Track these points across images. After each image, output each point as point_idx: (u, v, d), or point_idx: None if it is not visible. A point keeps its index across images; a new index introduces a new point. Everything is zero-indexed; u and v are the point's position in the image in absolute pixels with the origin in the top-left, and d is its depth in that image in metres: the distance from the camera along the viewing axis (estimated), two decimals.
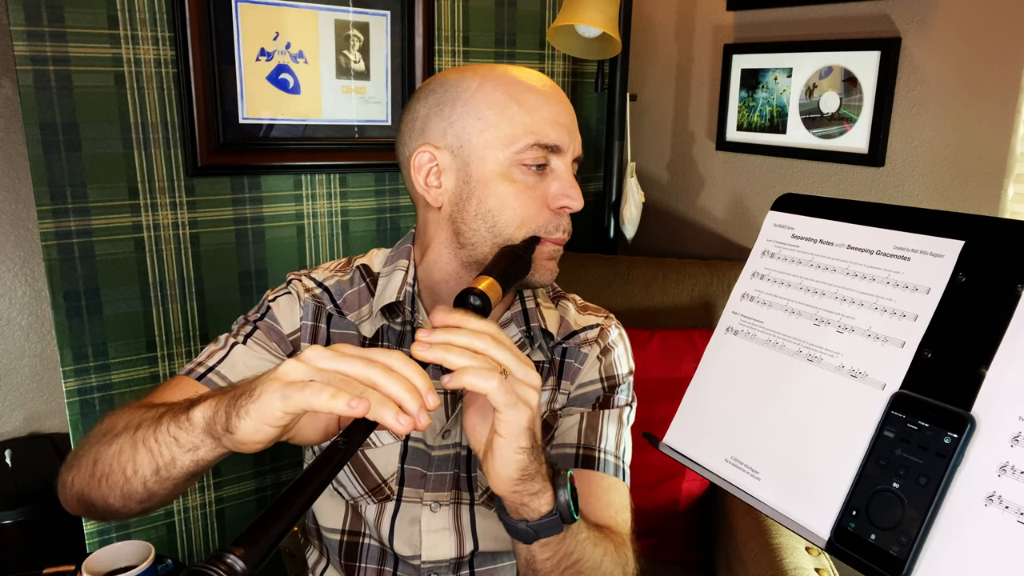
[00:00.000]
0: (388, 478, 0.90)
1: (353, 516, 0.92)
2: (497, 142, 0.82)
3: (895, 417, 0.52)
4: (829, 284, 0.60)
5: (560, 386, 0.94)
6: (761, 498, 0.58)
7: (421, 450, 0.89)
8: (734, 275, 0.67)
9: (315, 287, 0.93)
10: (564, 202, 0.83)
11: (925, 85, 1.44)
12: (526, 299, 0.94)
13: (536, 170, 0.83)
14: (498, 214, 0.83)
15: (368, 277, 0.94)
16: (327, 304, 0.92)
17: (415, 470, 0.90)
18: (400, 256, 0.94)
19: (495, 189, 0.83)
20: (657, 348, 1.52)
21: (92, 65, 1.39)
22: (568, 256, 1.81)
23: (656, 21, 1.97)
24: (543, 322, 0.92)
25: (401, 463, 0.89)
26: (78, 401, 1.48)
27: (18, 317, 2.13)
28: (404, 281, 0.91)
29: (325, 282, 0.94)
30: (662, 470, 1.48)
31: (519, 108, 0.82)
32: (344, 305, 0.92)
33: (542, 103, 0.83)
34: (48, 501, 1.86)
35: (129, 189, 1.47)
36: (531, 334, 0.92)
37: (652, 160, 2.03)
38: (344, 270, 0.96)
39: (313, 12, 1.60)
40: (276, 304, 0.93)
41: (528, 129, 0.82)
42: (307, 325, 0.91)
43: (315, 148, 1.66)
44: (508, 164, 0.82)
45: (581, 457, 0.90)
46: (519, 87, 0.84)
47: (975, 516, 0.46)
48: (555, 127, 0.82)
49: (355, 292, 0.93)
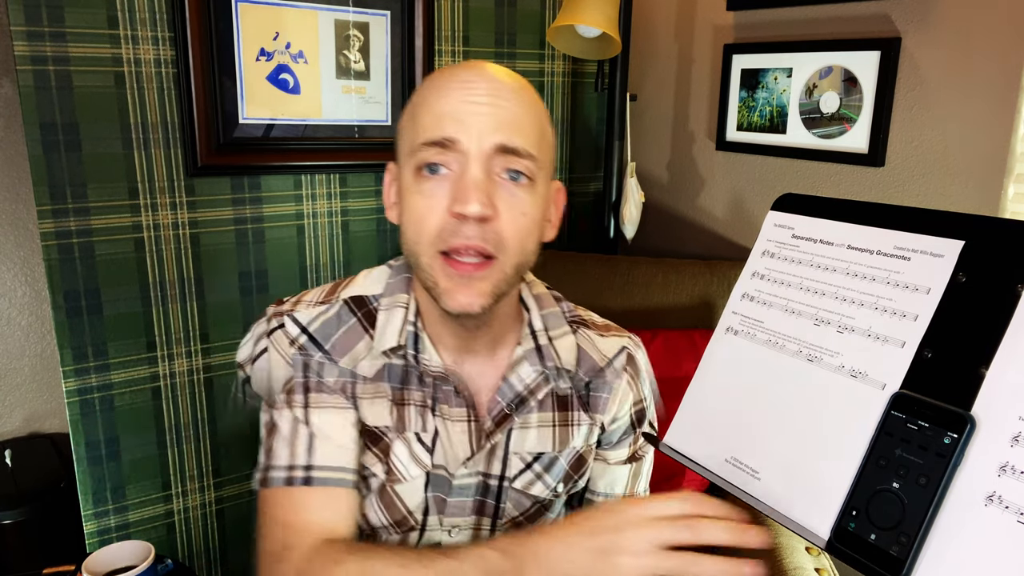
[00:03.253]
0: (414, 509, 0.86)
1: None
2: (405, 151, 0.77)
3: (895, 417, 0.52)
4: (829, 284, 0.60)
5: (593, 419, 0.91)
6: (761, 498, 0.58)
7: (443, 476, 0.86)
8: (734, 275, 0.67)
9: (299, 335, 0.83)
10: (456, 207, 0.71)
11: (925, 85, 1.44)
12: (537, 334, 0.86)
13: (432, 174, 0.73)
14: (407, 227, 0.76)
15: (360, 310, 0.85)
16: (315, 355, 0.82)
17: (437, 496, 0.86)
18: (398, 288, 0.85)
19: (404, 202, 0.76)
20: (657, 348, 1.52)
21: (92, 65, 1.39)
22: (568, 256, 1.82)
23: (656, 21, 1.97)
24: (558, 360, 0.87)
25: (425, 492, 0.85)
26: (78, 401, 1.48)
27: (18, 317, 2.13)
28: (405, 320, 0.83)
29: (309, 327, 0.83)
30: (662, 470, 1.48)
31: (421, 109, 0.75)
32: (334, 351, 0.83)
33: (437, 97, 0.74)
34: (48, 501, 1.86)
35: (129, 189, 1.47)
36: (547, 375, 0.87)
37: (652, 160, 2.03)
38: (329, 302, 0.85)
39: (313, 12, 1.60)
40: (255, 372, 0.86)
41: (420, 128, 0.74)
42: (298, 383, 0.82)
43: (315, 148, 1.66)
44: (411, 173, 0.75)
45: None
46: (425, 86, 0.77)
47: (975, 516, 0.46)
48: (446, 120, 0.72)
49: (345, 333, 0.84)
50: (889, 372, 0.54)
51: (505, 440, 0.87)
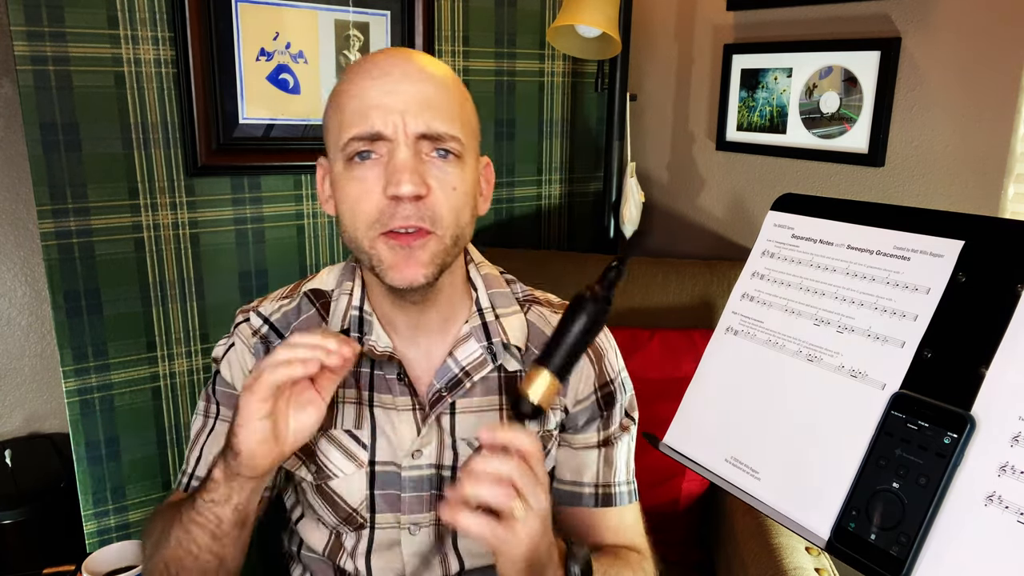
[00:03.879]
0: (358, 507, 0.87)
1: (335, 543, 0.90)
2: (333, 144, 0.81)
3: (895, 417, 0.52)
4: (829, 284, 0.60)
5: None
6: (761, 498, 0.58)
7: (391, 472, 0.86)
8: (734, 275, 0.67)
9: (261, 325, 0.89)
10: (389, 191, 0.75)
11: (925, 85, 1.44)
12: (484, 311, 0.89)
13: (362, 160, 0.77)
14: (343, 215, 0.80)
15: (318, 300, 0.90)
16: (275, 341, 0.88)
17: (389, 494, 0.87)
18: (346, 276, 0.90)
19: (338, 191, 0.80)
20: (657, 348, 1.52)
21: (92, 65, 1.39)
22: (568, 256, 1.82)
23: (656, 21, 1.97)
24: (505, 336, 0.88)
25: (370, 489, 0.87)
26: (78, 401, 1.48)
27: (18, 317, 2.13)
28: (349, 306, 0.87)
29: (271, 317, 0.90)
30: (662, 470, 1.48)
31: (344, 101, 0.79)
32: None
33: (357, 90, 0.78)
34: (48, 501, 1.86)
35: (129, 189, 1.47)
36: (492, 350, 0.88)
37: (652, 160, 2.03)
38: (291, 296, 0.92)
39: (313, 12, 1.60)
40: (225, 364, 0.90)
41: (345, 123, 0.77)
42: None
43: (315, 148, 1.65)
44: (342, 164, 0.79)
45: (600, 497, 0.90)
46: (344, 78, 0.81)
47: (975, 516, 0.46)
48: (370, 113, 0.76)
49: (304, 321, 0.89)
50: (889, 372, 0.54)
51: (450, 426, 0.86)
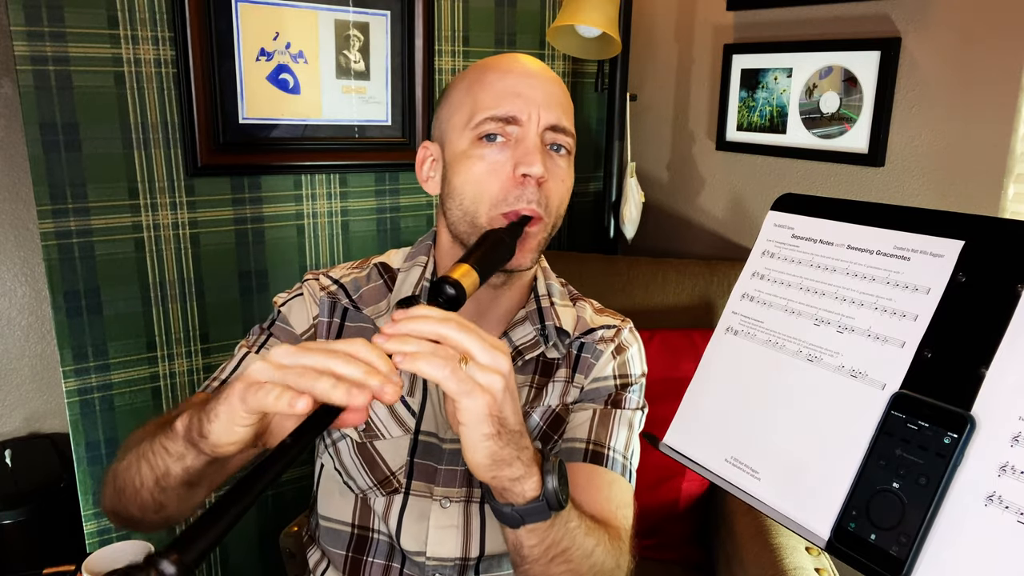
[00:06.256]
0: (397, 471, 0.90)
1: (362, 509, 0.93)
2: (460, 124, 0.86)
3: (895, 417, 0.52)
4: (829, 284, 0.60)
5: (574, 379, 0.95)
6: (761, 498, 0.58)
7: (433, 444, 0.90)
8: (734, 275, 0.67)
9: (331, 284, 0.95)
10: (522, 169, 0.82)
11: (925, 85, 1.44)
12: (541, 298, 0.95)
13: (490, 142, 0.83)
14: (462, 191, 0.85)
15: (387, 274, 0.96)
16: (342, 299, 0.94)
17: (426, 464, 0.90)
18: (419, 252, 0.96)
19: (459, 167, 0.85)
20: (657, 348, 1.52)
21: (92, 65, 1.39)
22: (568, 256, 1.82)
23: (656, 21, 1.97)
24: (558, 320, 0.94)
25: (411, 456, 0.90)
26: (78, 401, 1.48)
27: (18, 317, 2.13)
28: (422, 276, 0.93)
29: (341, 279, 0.95)
30: (662, 470, 1.48)
31: (479, 87, 0.85)
32: (360, 300, 0.94)
33: (497, 79, 0.85)
34: (48, 501, 1.86)
35: (129, 189, 1.47)
36: (545, 332, 0.93)
37: (652, 160, 2.03)
38: (361, 267, 0.98)
39: (313, 12, 1.60)
40: (287, 307, 0.94)
41: (482, 105, 0.84)
42: (323, 322, 0.92)
43: (315, 148, 1.66)
44: (469, 142, 0.85)
45: (590, 452, 0.90)
46: (482, 69, 0.87)
47: (975, 516, 0.46)
48: (509, 99, 0.83)
49: (372, 288, 0.95)
50: (889, 372, 0.54)
51: None
